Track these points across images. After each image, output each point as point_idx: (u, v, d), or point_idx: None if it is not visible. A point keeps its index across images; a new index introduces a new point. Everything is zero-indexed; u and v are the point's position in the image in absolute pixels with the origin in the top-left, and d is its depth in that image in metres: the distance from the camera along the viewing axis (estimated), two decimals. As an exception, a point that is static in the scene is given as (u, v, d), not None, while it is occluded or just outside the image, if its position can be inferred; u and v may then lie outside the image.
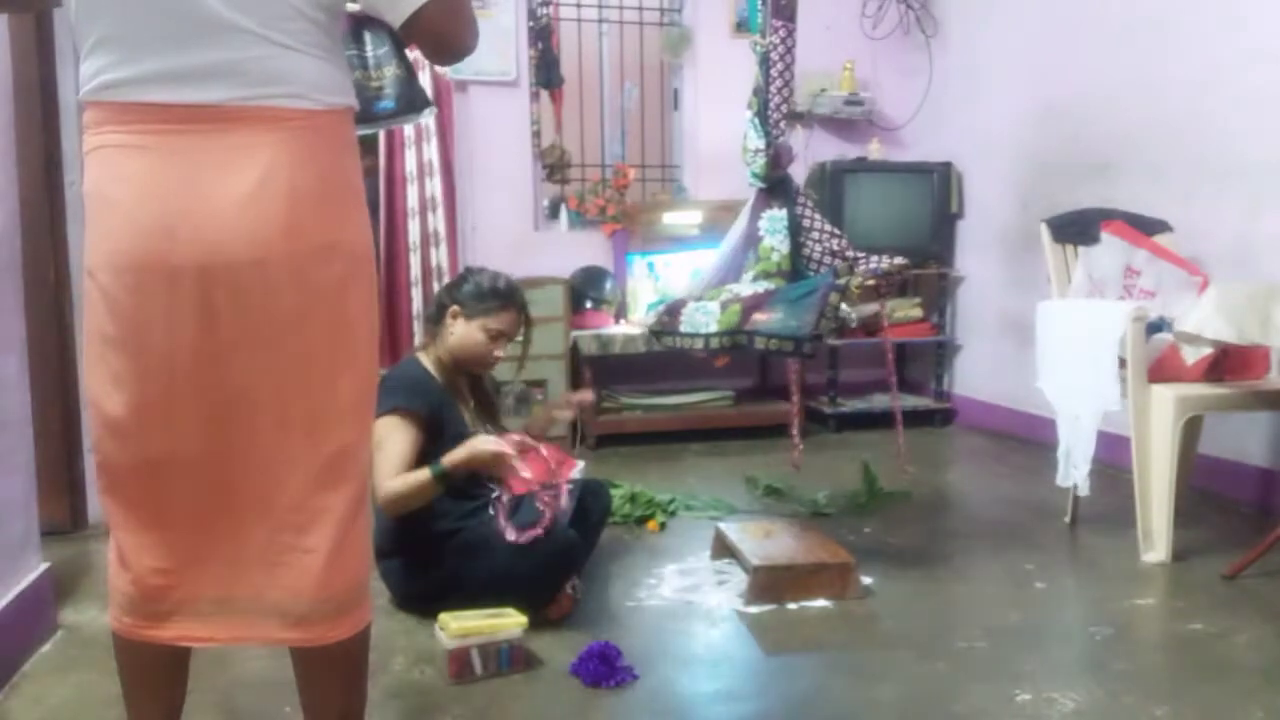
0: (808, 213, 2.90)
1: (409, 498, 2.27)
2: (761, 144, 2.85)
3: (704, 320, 2.75)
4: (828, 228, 2.89)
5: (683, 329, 2.79)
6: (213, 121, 1.28)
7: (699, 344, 2.76)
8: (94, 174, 1.32)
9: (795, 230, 2.87)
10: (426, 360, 2.47)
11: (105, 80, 1.29)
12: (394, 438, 2.29)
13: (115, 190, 1.30)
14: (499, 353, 2.48)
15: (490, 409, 2.60)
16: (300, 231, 1.31)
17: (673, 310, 2.86)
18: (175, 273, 1.28)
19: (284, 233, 1.30)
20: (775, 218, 2.88)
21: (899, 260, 2.72)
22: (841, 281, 2.60)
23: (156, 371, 1.32)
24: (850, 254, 2.82)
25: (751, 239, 2.90)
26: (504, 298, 2.47)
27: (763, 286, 2.79)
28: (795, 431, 3.22)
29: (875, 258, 2.77)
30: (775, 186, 2.90)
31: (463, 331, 2.44)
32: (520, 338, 2.56)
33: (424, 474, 2.26)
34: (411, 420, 2.32)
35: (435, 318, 2.50)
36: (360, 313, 1.40)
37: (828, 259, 2.84)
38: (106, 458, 1.40)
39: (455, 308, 2.45)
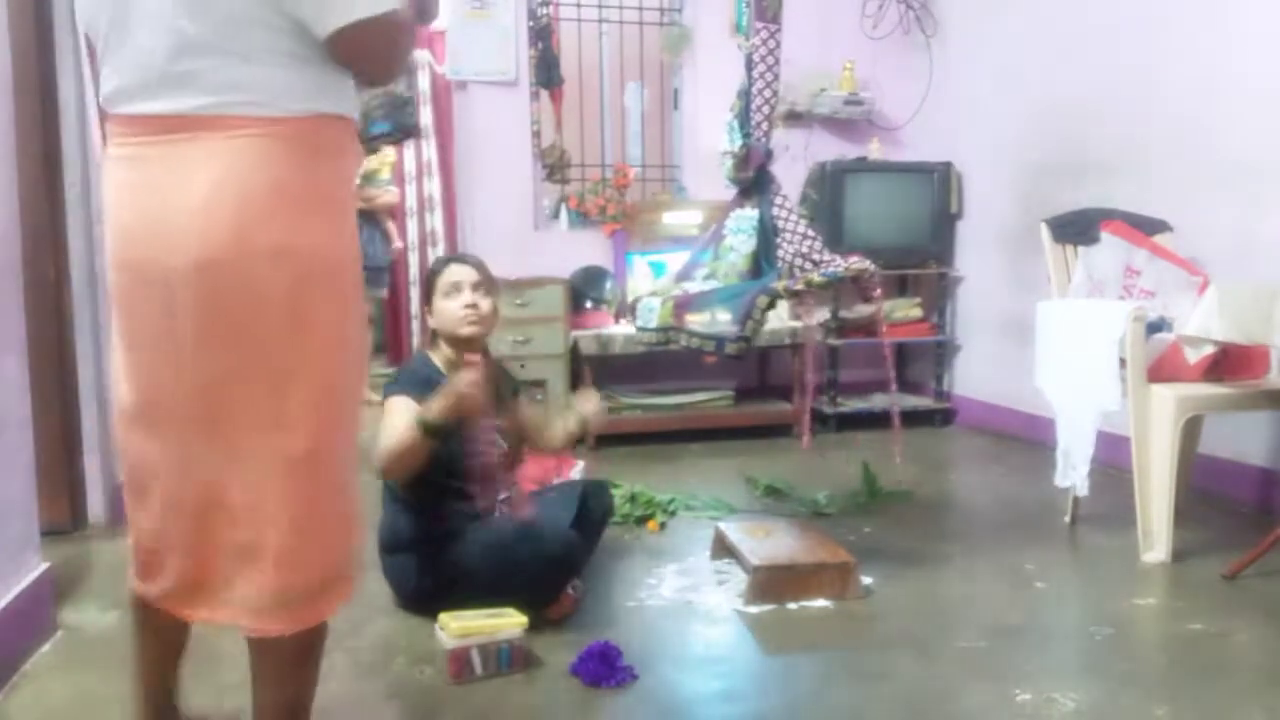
0: (783, 213, 2.89)
1: (402, 455, 2.23)
2: (734, 146, 2.86)
3: (649, 316, 2.84)
4: (801, 229, 2.87)
5: (638, 323, 2.92)
6: (180, 131, 1.35)
7: (647, 338, 2.87)
8: (104, 182, 1.48)
9: (771, 231, 2.87)
10: (436, 358, 2.49)
11: (106, 91, 1.40)
12: (399, 414, 2.29)
13: (110, 197, 1.43)
14: (468, 301, 2.43)
15: (496, 400, 2.60)
16: (249, 237, 1.34)
17: (634, 305, 2.97)
18: (148, 275, 1.38)
19: (232, 238, 1.34)
20: (743, 217, 2.89)
21: (861, 264, 2.68)
22: (774, 285, 2.61)
23: (147, 366, 1.43)
24: (818, 257, 2.80)
25: (715, 238, 2.93)
26: (443, 260, 2.58)
27: (710, 285, 2.83)
28: (805, 430, 3.17)
29: (840, 260, 2.74)
30: (750, 187, 2.91)
31: (435, 313, 2.49)
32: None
33: (410, 428, 2.22)
34: (416, 400, 2.32)
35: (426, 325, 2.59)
36: (318, 319, 1.41)
37: (798, 260, 2.83)
38: (117, 441, 1.55)
39: (427, 306, 2.55)
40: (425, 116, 6.26)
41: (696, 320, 2.68)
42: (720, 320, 2.60)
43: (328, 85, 1.40)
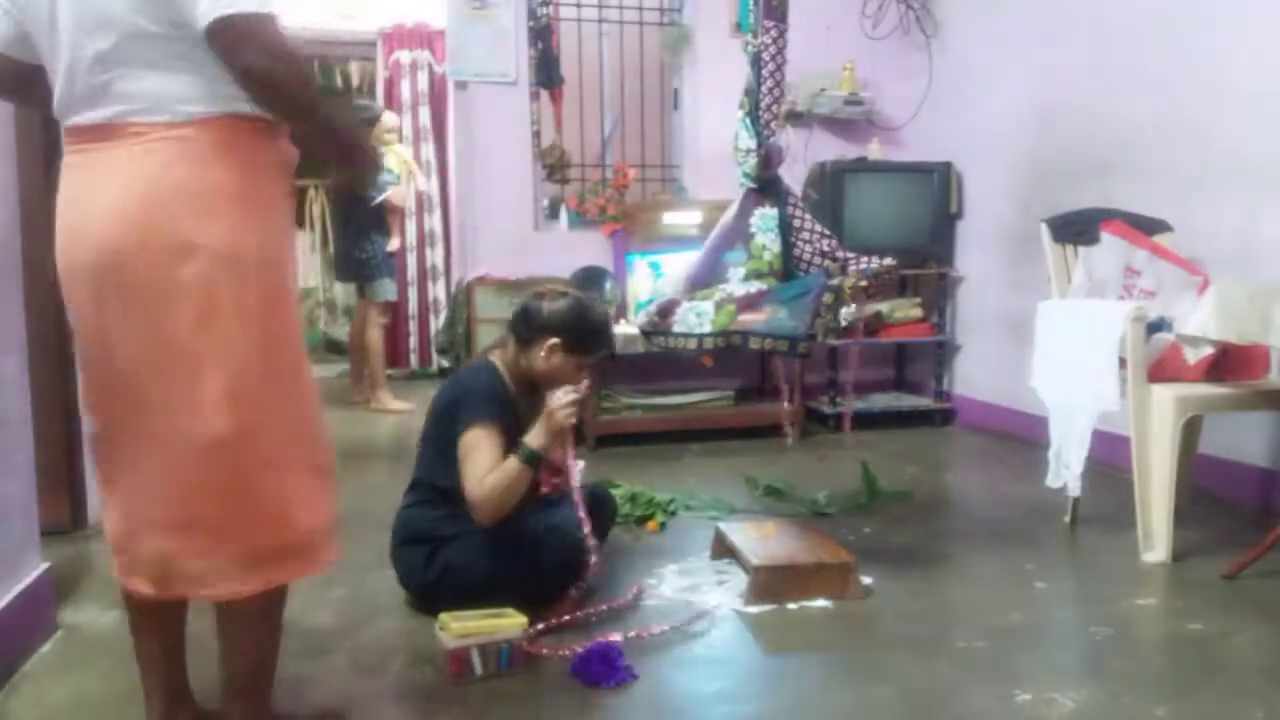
0: (798, 213, 2.89)
1: (507, 491, 2.26)
2: (753, 144, 2.85)
3: (697, 320, 2.75)
4: (818, 228, 2.88)
5: (676, 329, 2.79)
6: (99, 140, 1.47)
7: (692, 344, 2.76)
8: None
9: (785, 230, 2.87)
10: (501, 366, 2.46)
11: (55, 105, 1.51)
12: (483, 447, 2.29)
13: (58, 203, 1.53)
14: (586, 385, 2.43)
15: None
16: (154, 236, 1.44)
17: (665, 311, 2.84)
18: (78, 270, 1.50)
19: (140, 238, 1.44)
20: (767, 216, 2.88)
21: (889, 261, 2.70)
22: (835, 282, 2.60)
23: (85, 354, 1.57)
24: (840, 255, 2.81)
25: (743, 237, 2.90)
26: (608, 344, 2.48)
27: (754, 286, 2.80)
28: (785, 424, 3.23)
29: (865, 258, 2.75)
30: (766, 186, 2.90)
31: (558, 364, 2.40)
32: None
33: (512, 463, 2.26)
34: (499, 430, 2.33)
35: (527, 338, 2.42)
36: (234, 310, 1.48)
37: (818, 259, 2.83)
38: (86, 425, 1.65)
39: (556, 341, 2.39)
40: (425, 117, 6.27)
41: (763, 320, 2.65)
42: (793, 320, 2.57)
43: (217, 88, 1.46)
